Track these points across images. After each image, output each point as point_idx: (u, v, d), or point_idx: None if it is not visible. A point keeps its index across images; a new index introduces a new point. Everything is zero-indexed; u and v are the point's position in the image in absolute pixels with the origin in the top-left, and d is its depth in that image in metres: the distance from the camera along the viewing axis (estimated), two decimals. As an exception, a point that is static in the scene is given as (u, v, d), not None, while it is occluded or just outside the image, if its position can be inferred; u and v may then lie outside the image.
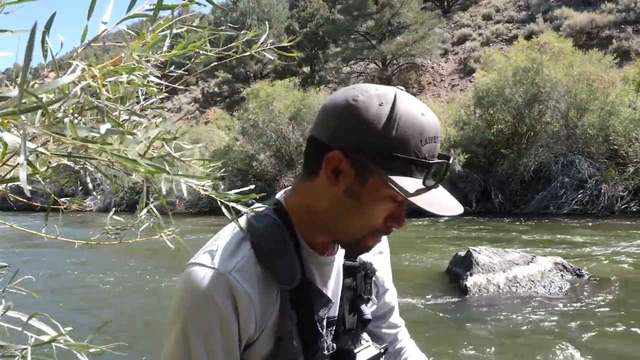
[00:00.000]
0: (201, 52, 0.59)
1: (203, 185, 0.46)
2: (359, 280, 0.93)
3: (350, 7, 27.64)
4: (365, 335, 0.98)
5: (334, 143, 0.76)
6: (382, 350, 0.96)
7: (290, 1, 33.96)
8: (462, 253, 6.08)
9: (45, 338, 0.38)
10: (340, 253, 0.93)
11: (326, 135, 0.77)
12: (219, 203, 0.50)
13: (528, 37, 17.14)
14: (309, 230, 0.84)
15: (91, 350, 0.41)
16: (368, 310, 0.95)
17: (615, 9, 22.27)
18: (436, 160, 0.75)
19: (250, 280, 0.76)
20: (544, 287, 5.43)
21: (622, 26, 21.43)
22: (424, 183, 0.73)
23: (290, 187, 0.88)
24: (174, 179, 0.44)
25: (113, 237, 0.98)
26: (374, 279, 0.95)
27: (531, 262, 5.78)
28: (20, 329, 0.41)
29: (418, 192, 0.72)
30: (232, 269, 0.76)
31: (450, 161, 0.78)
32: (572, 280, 5.60)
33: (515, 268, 5.64)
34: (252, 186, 0.63)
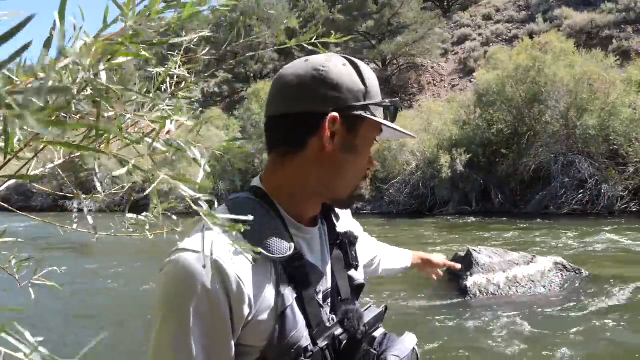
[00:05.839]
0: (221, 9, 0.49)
1: (199, 198, 0.41)
2: (344, 249, 0.96)
3: (350, 7, 27.65)
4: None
5: (323, 108, 0.82)
6: (384, 309, 0.99)
7: (290, 1, 33.95)
8: (462, 253, 6.07)
9: (20, 355, 0.34)
10: (323, 227, 0.96)
11: (308, 105, 0.83)
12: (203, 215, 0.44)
13: (528, 37, 17.12)
14: (296, 207, 0.87)
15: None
16: (359, 275, 0.98)
17: (615, 9, 22.25)
18: (395, 99, 0.90)
19: (239, 260, 0.75)
20: (544, 287, 5.43)
21: (622, 26, 21.41)
22: (387, 119, 0.88)
23: (264, 173, 0.90)
24: (171, 183, 0.40)
25: (131, 230, 0.97)
26: (357, 246, 0.99)
27: (531, 262, 5.78)
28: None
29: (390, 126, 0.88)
30: (218, 251, 0.74)
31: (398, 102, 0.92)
32: (573, 280, 5.60)
33: (515, 268, 5.64)
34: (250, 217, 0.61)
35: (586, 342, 3.97)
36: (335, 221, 1.00)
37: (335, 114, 0.82)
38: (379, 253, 1.36)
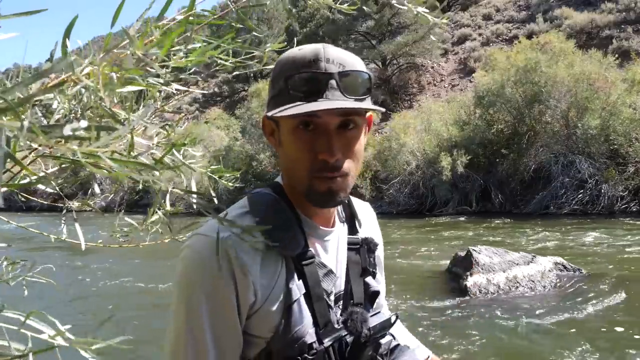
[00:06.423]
0: (219, 61, 0.57)
1: (200, 197, 0.44)
2: (362, 254, 0.95)
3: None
4: (375, 305, 0.97)
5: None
6: (393, 317, 0.95)
7: (290, 1, 33.92)
8: (462, 253, 6.07)
9: (44, 337, 0.38)
10: (343, 229, 0.95)
11: None
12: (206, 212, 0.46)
13: (528, 37, 17.11)
14: (303, 207, 0.88)
15: (94, 347, 0.40)
16: (375, 282, 0.96)
17: (615, 9, 22.24)
18: (304, 72, 0.79)
19: (248, 250, 0.78)
20: (544, 287, 5.42)
21: (622, 26, 21.38)
22: (302, 99, 0.78)
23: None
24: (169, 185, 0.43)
25: (121, 239, 0.98)
26: (377, 253, 0.98)
27: (531, 262, 5.78)
28: (17, 328, 0.40)
29: (292, 107, 0.77)
30: (229, 237, 0.78)
31: (326, 70, 0.79)
32: (573, 280, 5.60)
33: (515, 268, 5.64)
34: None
35: (586, 341, 3.96)
36: (358, 227, 0.99)
37: (263, 117, 0.89)
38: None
